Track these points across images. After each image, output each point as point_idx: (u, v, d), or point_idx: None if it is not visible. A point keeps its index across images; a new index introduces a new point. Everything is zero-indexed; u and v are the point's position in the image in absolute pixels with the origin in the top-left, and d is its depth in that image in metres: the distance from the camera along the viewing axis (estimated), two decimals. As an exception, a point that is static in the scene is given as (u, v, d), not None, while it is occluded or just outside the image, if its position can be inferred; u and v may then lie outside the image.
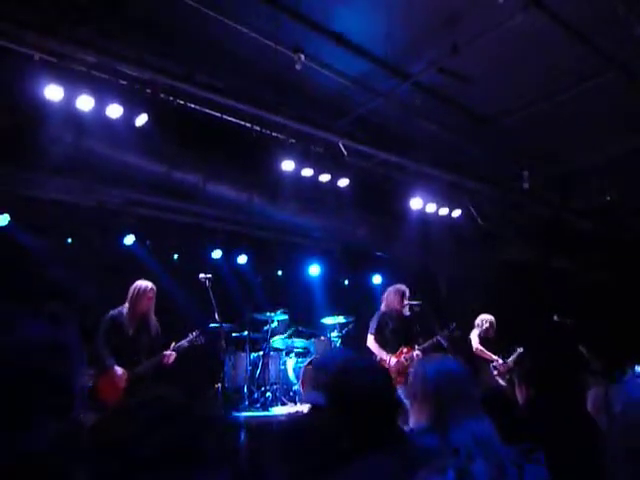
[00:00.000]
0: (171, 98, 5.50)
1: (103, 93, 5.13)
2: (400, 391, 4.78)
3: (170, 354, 5.35)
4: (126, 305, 5.31)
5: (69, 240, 6.78)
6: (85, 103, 5.05)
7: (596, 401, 3.00)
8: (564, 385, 2.71)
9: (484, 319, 6.97)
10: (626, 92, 6.08)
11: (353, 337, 7.51)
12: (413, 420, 1.90)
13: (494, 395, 2.29)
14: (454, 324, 6.13)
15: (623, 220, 8.73)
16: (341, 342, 7.63)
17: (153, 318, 5.38)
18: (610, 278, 9.11)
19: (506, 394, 2.35)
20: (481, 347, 6.73)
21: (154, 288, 5.37)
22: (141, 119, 5.39)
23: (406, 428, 2.03)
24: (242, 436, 5.85)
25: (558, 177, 8.18)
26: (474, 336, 6.86)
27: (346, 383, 1.92)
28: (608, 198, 8.01)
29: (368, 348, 6.08)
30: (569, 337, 6.63)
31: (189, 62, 5.54)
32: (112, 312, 5.28)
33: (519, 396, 2.71)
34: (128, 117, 5.34)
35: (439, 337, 6.05)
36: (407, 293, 6.16)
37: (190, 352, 5.50)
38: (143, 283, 5.36)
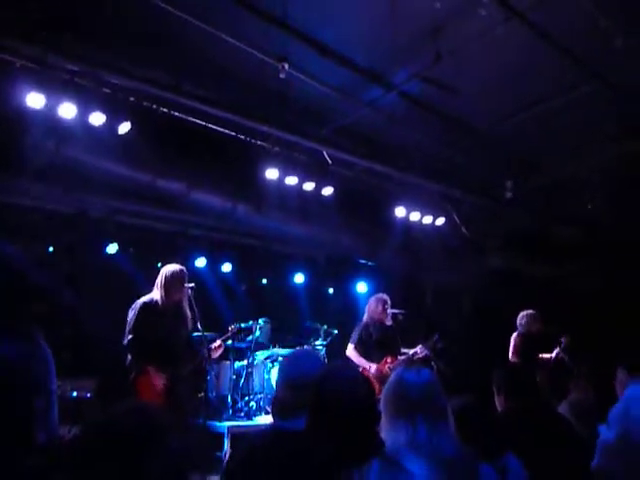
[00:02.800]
0: (155, 106, 5.49)
1: (86, 101, 5.10)
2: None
3: (218, 345, 5.01)
4: (157, 292, 4.77)
5: (51, 249, 6.70)
6: (67, 111, 5.02)
7: (576, 408, 3.02)
8: (540, 394, 2.72)
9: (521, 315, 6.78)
10: (608, 102, 6.17)
11: (337, 345, 7.49)
12: (383, 430, 1.89)
13: (471, 404, 2.29)
14: (437, 335, 6.13)
15: (607, 228, 8.82)
16: (325, 351, 7.61)
17: (187, 307, 4.87)
18: (595, 285, 9.19)
19: (483, 403, 2.36)
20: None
21: (185, 271, 4.90)
22: (124, 127, 5.37)
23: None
24: (225, 445, 5.81)
25: (542, 186, 8.26)
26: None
27: (326, 394, 1.90)
28: (589, 207, 8.09)
29: (348, 357, 6.07)
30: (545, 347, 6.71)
31: (173, 71, 5.53)
32: (143, 299, 4.74)
33: (498, 405, 2.72)
34: (111, 125, 5.32)
35: (423, 346, 6.05)
36: (388, 302, 6.16)
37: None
38: (176, 266, 4.88)
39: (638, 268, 8.37)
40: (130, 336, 4.61)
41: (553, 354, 6.80)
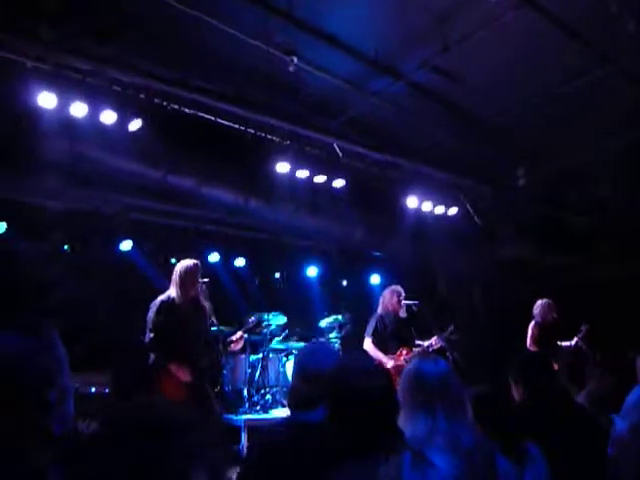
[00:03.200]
0: (165, 103, 5.50)
1: (97, 99, 5.14)
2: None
3: (239, 337, 5.01)
4: (173, 289, 4.84)
5: (65, 247, 6.75)
6: (79, 109, 5.06)
7: (594, 397, 3.00)
8: (557, 382, 2.71)
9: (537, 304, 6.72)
10: (619, 88, 6.10)
11: (351, 338, 7.51)
12: (401, 421, 1.89)
13: (489, 393, 2.29)
14: (452, 326, 6.11)
15: (620, 216, 8.74)
16: (340, 343, 7.62)
17: (204, 300, 4.92)
18: (607, 273, 9.12)
19: (500, 393, 2.36)
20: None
21: (199, 265, 4.94)
22: (135, 124, 5.40)
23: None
24: (242, 438, 5.86)
25: (554, 174, 8.19)
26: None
27: (343, 385, 1.90)
28: (603, 194, 8.01)
29: (365, 351, 6.06)
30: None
31: (182, 66, 5.54)
32: (160, 297, 4.77)
33: (515, 395, 2.72)
34: (122, 123, 5.36)
35: (438, 338, 6.03)
36: (403, 294, 6.14)
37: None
38: (190, 261, 4.92)
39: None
40: (151, 335, 4.65)
41: (573, 342, 6.77)
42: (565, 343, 6.79)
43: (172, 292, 4.80)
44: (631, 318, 7.44)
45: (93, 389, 5.76)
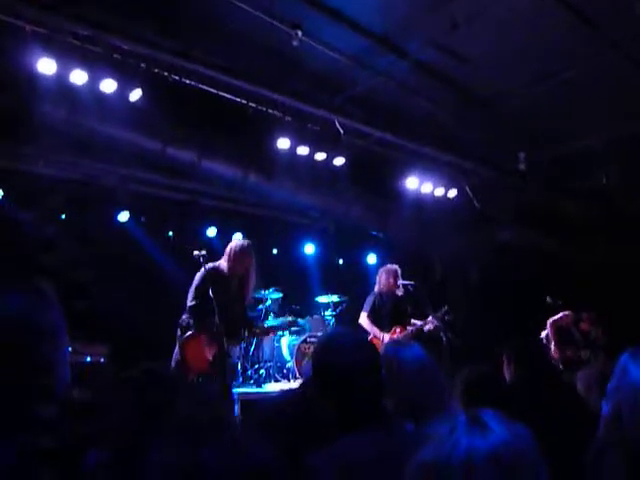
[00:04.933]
0: (166, 73, 5.43)
1: (97, 67, 5.07)
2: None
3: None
4: (224, 262, 5.04)
5: (62, 216, 6.73)
6: (78, 77, 5.00)
7: (588, 380, 3.01)
8: (549, 364, 2.73)
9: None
10: (625, 73, 6.03)
11: (347, 316, 7.54)
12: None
13: (478, 375, 2.30)
14: (446, 307, 6.13)
15: (619, 202, 8.72)
16: (335, 321, 7.66)
17: (250, 280, 5.12)
18: (605, 259, 9.14)
19: (492, 372, 2.37)
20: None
21: (249, 246, 5.14)
22: (135, 94, 5.33)
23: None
24: (236, 410, 5.91)
25: (556, 159, 8.15)
26: None
27: (328, 358, 1.90)
28: (604, 180, 7.98)
29: (361, 326, 6.12)
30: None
31: (185, 37, 5.46)
32: (210, 264, 4.94)
33: (506, 374, 2.73)
34: (122, 92, 5.29)
35: (433, 318, 6.07)
36: (399, 273, 6.17)
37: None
38: (244, 240, 5.23)
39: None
40: (195, 301, 4.81)
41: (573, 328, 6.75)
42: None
43: (222, 263, 5.04)
44: (630, 304, 7.47)
45: (88, 359, 5.78)
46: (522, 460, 0.97)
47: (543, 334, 6.66)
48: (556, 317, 6.28)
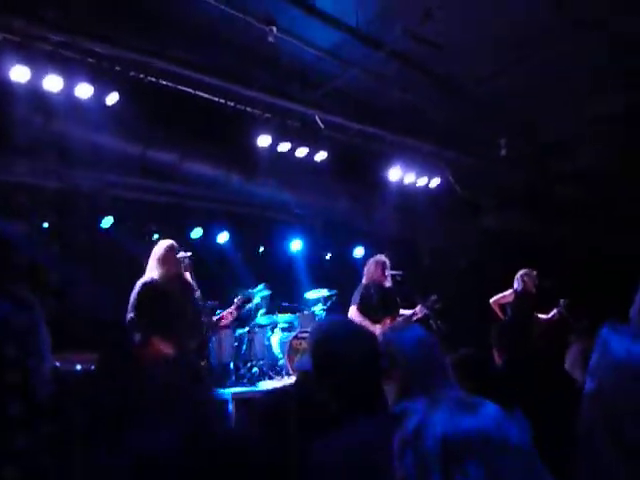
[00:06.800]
0: (142, 75, 5.39)
1: (71, 72, 5.02)
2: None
3: (229, 313, 5.20)
4: (154, 271, 4.73)
5: (45, 224, 6.66)
6: (53, 83, 4.95)
7: (573, 357, 3.05)
8: (534, 347, 2.76)
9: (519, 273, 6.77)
10: (603, 54, 6.07)
11: (337, 310, 7.54)
12: (388, 392, 1.88)
13: (470, 357, 2.33)
14: (434, 296, 6.15)
15: (602, 186, 8.80)
16: (326, 315, 7.66)
17: (189, 277, 4.88)
18: (590, 244, 9.23)
19: (483, 356, 2.40)
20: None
21: (175, 244, 4.89)
22: (112, 98, 5.29)
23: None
24: (230, 408, 5.90)
25: (536, 144, 8.21)
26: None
27: (329, 347, 1.90)
28: (586, 164, 8.06)
29: (351, 319, 6.11)
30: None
31: (159, 37, 5.42)
32: (141, 280, 4.69)
33: (496, 357, 2.77)
34: (99, 96, 5.26)
35: (422, 307, 6.08)
36: (387, 263, 6.17)
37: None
38: (164, 241, 4.86)
39: (634, 226, 8.40)
40: (131, 314, 4.60)
41: (550, 315, 6.85)
42: (543, 316, 6.85)
43: (153, 273, 4.74)
44: (615, 288, 7.54)
45: (79, 367, 5.73)
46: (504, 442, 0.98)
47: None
48: None
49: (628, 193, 8.38)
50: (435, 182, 7.88)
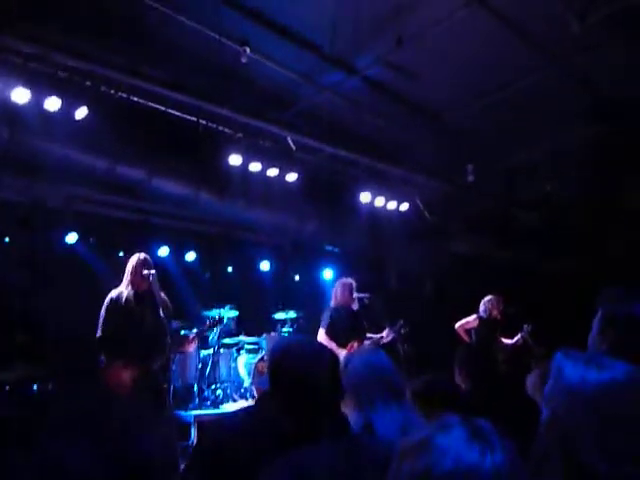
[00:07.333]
0: (113, 91, 5.33)
1: (40, 85, 4.94)
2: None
3: (194, 338, 5.25)
4: (123, 284, 4.78)
5: (6, 239, 6.49)
6: (21, 95, 4.85)
7: (533, 383, 3.08)
8: (497, 372, 2.78)
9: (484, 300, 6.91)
10: (567, 87, 6.28)
11: (304, 332, 7.49)
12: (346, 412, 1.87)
13: (437, 382, 2.33)
14: (401, 321, 6.18)
15: (567, 211, 9.01)
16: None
17: (160, 296, 4.78)
18: (556, 268, 9.41)
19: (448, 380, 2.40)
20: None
21: (148, 258, 4.88)
22: (81, 112, 5.22)
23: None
24: (192, 434, 5.77)
25: (503, 170, 8.39)
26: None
27: (286, 364, 1.86)
28: (548, 188, 8.27)
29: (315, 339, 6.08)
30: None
31: (132, 54, 5.39)
32: (110, 294, 4.73)
33: (457, 377, 2.78)
34: (67, 110, 5.17)
35: (389, 330, 6.09)
36: (354, 286, 6.17)
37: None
38: (138, 255, 4.86)
39: (597, 250, 8.61)
40: (99, 333, 4.64)
41: (514, 340, 6.96)
42: (507, 340, 6.96)
43: (122, 287, 4.80)
44: (580, 312, 7.67)
45: (35, 386, 5.55)
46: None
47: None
48: None
49: (592, 220, 8.61)
50: (404, 206, 7.96)
